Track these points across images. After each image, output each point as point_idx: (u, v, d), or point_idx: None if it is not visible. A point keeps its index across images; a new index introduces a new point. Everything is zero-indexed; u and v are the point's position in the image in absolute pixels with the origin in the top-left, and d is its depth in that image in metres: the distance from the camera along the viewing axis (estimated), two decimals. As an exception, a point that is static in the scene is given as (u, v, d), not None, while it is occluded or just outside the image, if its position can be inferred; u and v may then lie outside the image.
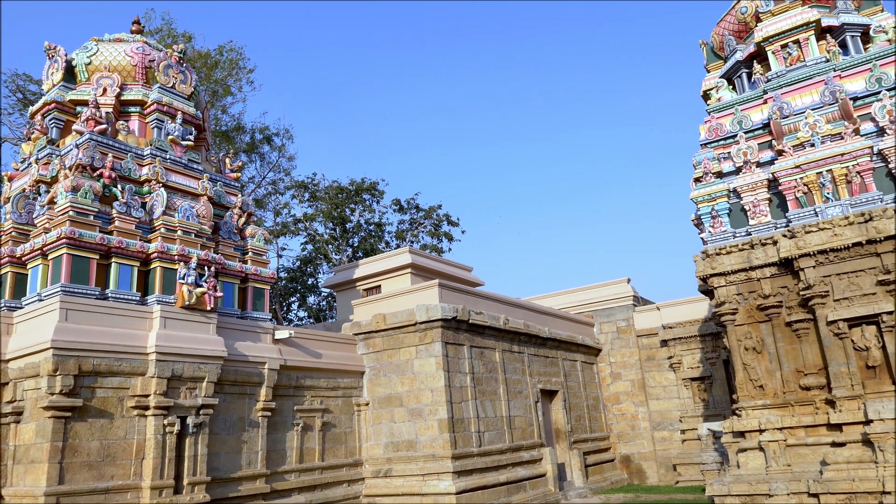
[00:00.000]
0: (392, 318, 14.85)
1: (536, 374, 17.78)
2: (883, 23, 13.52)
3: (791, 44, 13.46)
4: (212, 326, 11.58)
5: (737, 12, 14.71)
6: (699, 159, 13.50)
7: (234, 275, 12.65)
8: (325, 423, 14.02)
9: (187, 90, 13.47)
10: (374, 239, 32.93)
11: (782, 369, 11.89)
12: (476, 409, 14.89)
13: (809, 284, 11.49)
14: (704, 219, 13.18)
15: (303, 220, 31.85)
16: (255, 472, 12.06)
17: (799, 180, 12.21)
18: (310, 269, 32.34)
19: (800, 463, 11.12)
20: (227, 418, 11.86)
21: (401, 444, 14.39)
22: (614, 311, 21.60)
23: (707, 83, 15.31)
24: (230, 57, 27.50)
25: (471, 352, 15.30)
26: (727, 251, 12.47)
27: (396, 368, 14.84)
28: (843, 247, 11.24)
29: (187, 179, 12.60)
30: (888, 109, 11.74)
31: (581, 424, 19.40)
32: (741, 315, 12.41)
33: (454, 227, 34.16)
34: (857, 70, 12.69)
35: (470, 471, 14.00)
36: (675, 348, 19.91)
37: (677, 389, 19.96)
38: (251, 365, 12.30)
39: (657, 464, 19.98)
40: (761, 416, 11.63)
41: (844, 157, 11.84)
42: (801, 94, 12.99)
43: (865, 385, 11.07)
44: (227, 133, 27.49)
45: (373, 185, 33.30)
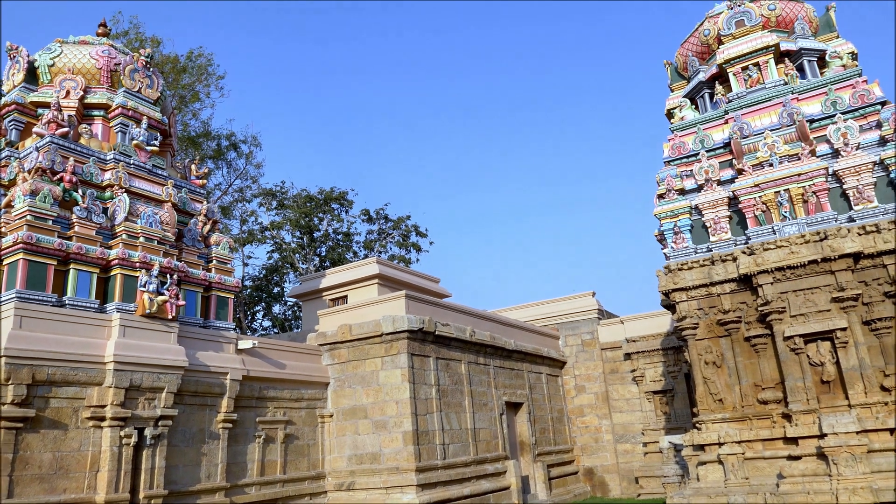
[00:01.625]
0: (358, 329, 14.76)
1: (502, 386, 17.83)
2: (838, 49, 14.06)
3: (751, 66, 13.89)
4: (173, 335, 11.36)
5: (700, 34, 15.13)
6: (662, 176, 13.80)
7: (197, 283, 12.44)
8: (288, 435, 13.82)
9: (154, 95, 13.27)
10: (342, 249, 32.74)
11: (741, 383, 12.15)
12: (441, 421, 14.85)
13: (767, 300, 11.80)
14: (667, 234, 13.45)
15: (270, 229, 31.52)
16: (215, 486, 11.82)
17: (758, 199, 12.56)
18: (276, 278, 31.97)
19: (757, 476, 11.35)
20: (187, 430, 11.61)
21: (365, 457, 14.26)
22: (579, 325, 21.81)
23: (671, 102, 15.68)
24: (199, 63, 27.20)
25: (437, 363, 15.28)
26: (689, 267, 12.73)
27: (362, 380, 14.73)
28: (800, 264, 11.58)
29: (151, 185, 12.39)
30: (842, 132, 12.18)
31: (545, 437, 19.49)
32: (702, 329, 12.66)
33: (422, 238, 34.19)
34: (814, 93, 13.16)
35: (434, 484, 13.94)
36: (639, 361, 20.18)
37: (640, 402, 20.20)
38: (213, 375, 12.08)
39: (620, 476, 20.16)
40: (720, 430, 11.85)
41: (801, 177, 12.23)
42: (760, 115, 13.40)
43: (820, 399, 11.38)
44: (194, 139, 27.11)
45: (342, 195, 33.15)
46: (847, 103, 12.58)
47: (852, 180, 11.94)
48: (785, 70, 13.80)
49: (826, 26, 14.82)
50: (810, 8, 14.98)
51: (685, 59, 15.72)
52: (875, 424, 10.61)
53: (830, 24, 14.80)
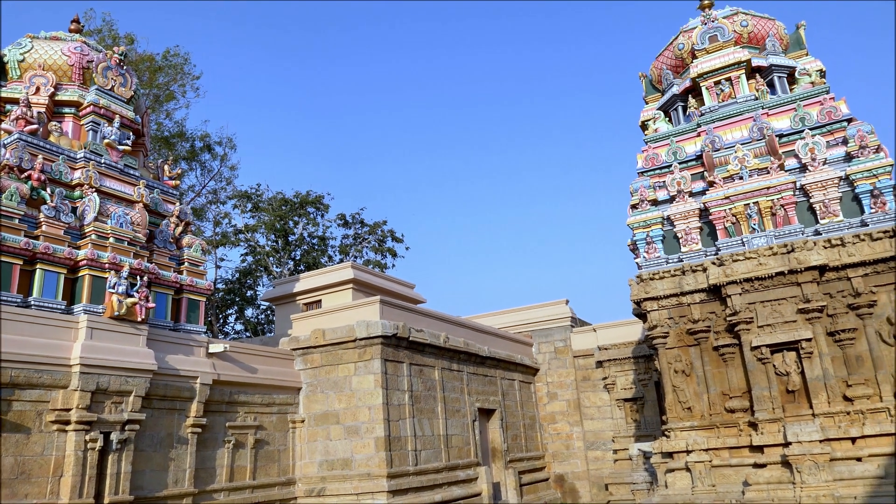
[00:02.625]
0: (331, 334, 14.68)
1: (475, 392, 17.87)
2: (807, 66, 14.41)
3: (724, 81, 14.17)
4: (142, 338, 11.19)
5: (674, 48, 15.40)
6: (636, 187, 13.99)
7: (168, 285, 12.28)
8: (258, 441, 13.68)
9: (127, 93, 13.09)
10: (317, 253, 32.53)
11: (709, 392, 12.34)
12: (414, 427, 14.83)
13: (736, 311, 12.01)
14: (640, 244, 13.62)
15: (244, 231, 31.21)
16: (182, 491, 11.64)
17: (728, 211, 12.80)
18: (249, 282, 31.64)
19: (724, 483, 11.53)
20: (155, 434, 11.43)
21: (336, 463, 14.17)
22: (552, 332, 21.96)
23: (645, 114, 15.91)
24: (175, 62, 26.89)
25: (410, 369, 15.26)
26: (660, 276, 12.91)
27: (334, 385, 14.65)
28: (767, 276, 11.82)
29: (122, 185, 12.21)
30: (810, 147, 12.48)
31: (517, 443, 19.56)
32: (672, 338, 12.84)
33: (398, 243, 34.15)
34: (784, 109, 13.46)
35: (405, 490, 13.90)
36: (610, 369, 20.38)
37: (611, 410, 20.39)
38: (182, 379, 11.92)
39: (590, 483, 20.31)
40: (689, 438, 12.02)
41: (770, 190, 12.50)
42: (731, 128, 13.66)
43: (785, 408, 11.61)
44: (167, 139, 26.77)
45: (318, 199, 32.97)
46: (815, 119, 12.89)
47: (819, 194, 12.23)
48: (756, 85, 14.10)
49: (796, 44, 15.19)
50: (781, 25, 15.34)
51: (660, 72, 15.98)
52: (837, 433, 10.85)
53: (800, 41, 15.17)
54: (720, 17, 14.78)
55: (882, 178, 11.86)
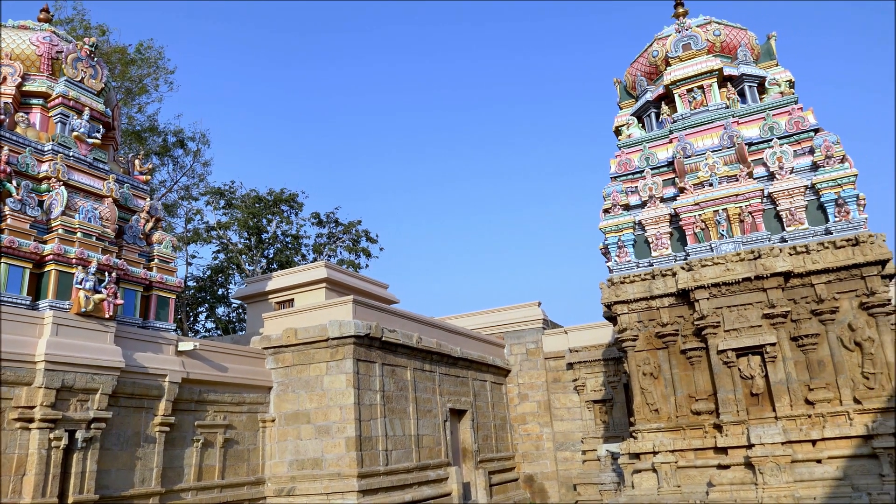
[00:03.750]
0: (304, 333, 14.61)
1: (447, 393, 17.92)
2: (777, 76, 14.75)
3: (696, 89, 14.43)
4: (109, 335, 11.01)
5: (649, 55, 15.63)
6: (609, 191, 14.17)
7: (137, 282, 12.10)
8: (228, 440, 13.55)
9: (97, 85, 12.87)
10: (291, 251, 32.29)
11: (676, 394, 12.56)
12: (385, 427, 14.82)
13: (703, 315, 12.24)
14: (611, 248, 13.81)
15: (216, 228, 30.83)
16: (149, 491, 11.49)
17: (697, 217, 13.04)
18: (221, 279, 31.26)
19: (689, 484, 11.74)
20: (122, 433, 11.26)
21: (306, 462, 14.10)
22: (524, 334, 22.11)
23: (619, 119, 16.13)
24: (149, 55, 26.46)
25: (382, 369, 15.25)
26: (630, 280, 13.10)
27: (306, 384, 14.58)
28: (735, 281, 12.07)
29: (91, 179, 11.99)
30: (778, 156, 12.77)
31: (488, 444, 19.66)
32: (641, 342, 13.04)
33: (373, 243, 34.05)
34: (753, 118, 13.75)
35: (375, 490, 13.89)
36: (580, 371, 20.59)
37: (580, 411, 20.60)
38: (150, 377, 11.76)
39: (559, 483, 20.50)
40: (655, 439, 12.22)
41: (738, 197, 12.76)
42: (703, 136, 13.92)
43: (749, 411, 11.87)
44: (139, 133, 26.33)
45: (292, 197, 32.72)
46: (783, 129, 13.20)
47: (785, 202, 12.53)
48: (727, 94, 14.38)
49: (767, 54, 15.53)
50: (752, 36, 15.68)
51: (634, 79, 16.21)
52: (799, 436, 11.13)
53: (771, 52, 15.51)
54: (694, 26, 15.05)
55: (846, 187, 12.19)
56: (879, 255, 11.36)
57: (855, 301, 11.63)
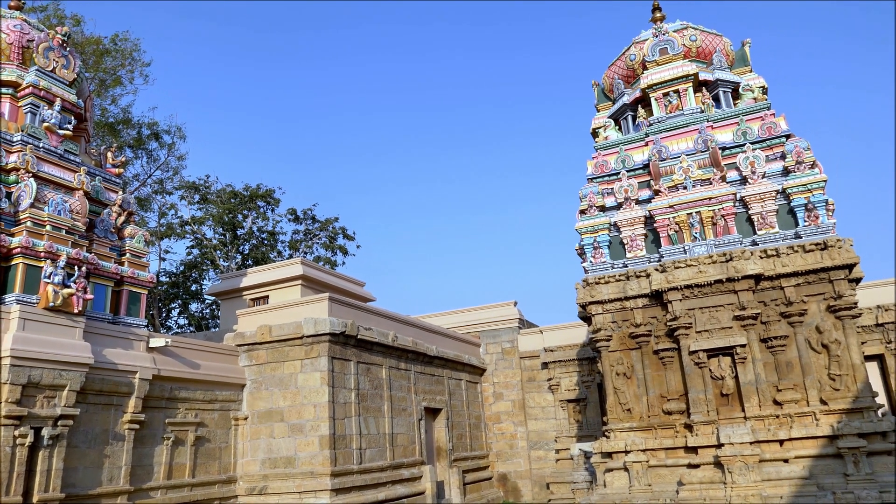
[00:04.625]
0: (278, 331, 14.49)
1: (422, 391, 17.91)
2: (751, 82, 14.98)
3: (672, 93, 14.59)
4: (78, 331, 10.81)
5: (626, 58, 15.78)
6: (585, 192, 14.28)
7: (108, 276, 11.90)
8: (199, 438, 13.39)
9: (69, 76, 12.62)
10: (267, 248, 31.99)
11: (648, 394, 12.71)
12: (359, 425, 14.77)
13: (676, 316, 12.40)
14: (587, 249, 13.91)
15: (190, 223, 30.43)
16: (117, 489, 11.31)
17: (672, 219, 13.20)
18: (195, 275, 30.86)
19: (659, 483, 11.89)
20: (90, 430, 11.06)
21: (279, 461, 13.99)
22: (500, 333, 22.19)
23: (596, 122, 16.25)
24: (124, 47, 26.00)
25: (357, 368, 15.19)
26: (605, 281, 13.22)
27: (279, 382, 14.46)
28: (707, 283, 12.24)
29: (62, 171, 11.76)
30: (750, 161, 12.98)
31: (462, 443, 19.70)
32: (615, 342, 13.17)
33: (350, 240, 33.88)
34: (727, 122, 13.95)
35: (349, 488, 13.84)
36: (555, 371, 20.73)
37: (555, 410, 20.74)
38: (120, 374, 11.57)
39: (532, 482, 20.62)
40: (627, 438, 12.35)
41: (711, 200, 12.94)
42: (678, 139, 14.09)
43: (720, 411, 12.05)
44: (112, 125, 25.86)
45: (269, 193, 32.41)
46: (756, 134, 13.41)
47: (757, 206, 12.73)
48: (702, 98, 14.57)
49: (741, 60, 15.77)
50: (728, 42, 15.90)
51: (612, 81, 16.35)
52: (767, 436, 11.33)
53: (745, 58, 15.76)
54: (671, 31, 15.23)
55: (816, 192, 12.42)
56: (847, 260, 11.61)
57: (823, 304, 11.87)
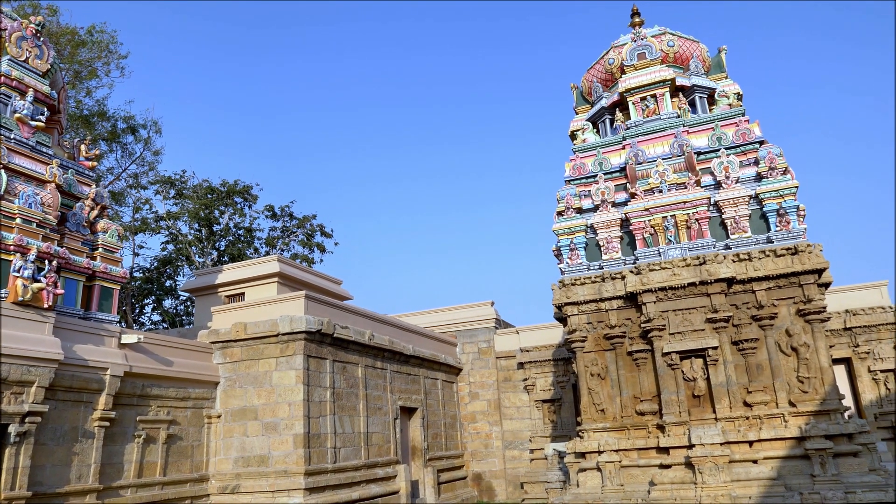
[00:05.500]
0: (253, 328, 14.38)
1: (398, 390, 17.90)
2: (726, 88, 15.22)
3: (649, 97, 14.77)
4: (48, 326, 10.62)
5: (605, 62, 15.93)
6: (563, 194, 14.38)
7: (79, 271, 11.70)
8: (171, 436, 13.23)
9: (43, 66, 12.38)
10: (243, 244, 31.68)
11: (622, 395, 12.84)
12: (334, 424, 14.71)
13: (650, 318, 12.55)
14: (563, 250, 14.02)
15: (165, 219, 30.03)
16: (86, 487, 11.12)
17: (647, 222, 13.35)
18: (169, 271, 30.46)
19: (631, 483, 12.03)
20: (58, 427, 10.87)
21: (252, 459, 13.88)
22: (477, 333, 22.26)
23: (575, 124, 16.38)
24: (101, 39, 25.57)
25: (333, 366, 15.13)
26: (581, 282, 13.33)
27: (254, 380, 14.35)
28: (680, 286, 12.41)
29: (33, 163, 11.53)
30: (725, 166, 13.19)
31: (437, 442, 19.72)
32: (590, 343, 13.28)
33: (328, 238, 33.70)
34: (703, 128, 14.16)
35: (323, 487, 13.78)
36: (531, 371, 20.85)
37: (530, 410, 20.86)
38: (91, 370, 11.39)
39: (506, 482, 20.71)
40: (601, 438, 12.47)
41: (686, 204, 13.12)
42: (654, 143, 14.26)
43: (691, 412, 12.22)
44: (87, 118, 25.43)
45: (246, 189, 32.09)
46: (730, 140, 13.63)
47: (730, 211, 12.94)
48: (678, 104, 14.77)
49: (717, 66, 16.02)
50: (704, 48, 16.13)
51: (590, 85, 16.48)
52: (737, 437, 11.52)
53: (721, 65, 16.00)
54: (649, 36, 15.40)
55: (787, 198, 12.67)
56: (816, 264, 11.85)
57: (793, 308, 12.10)
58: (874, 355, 17.36)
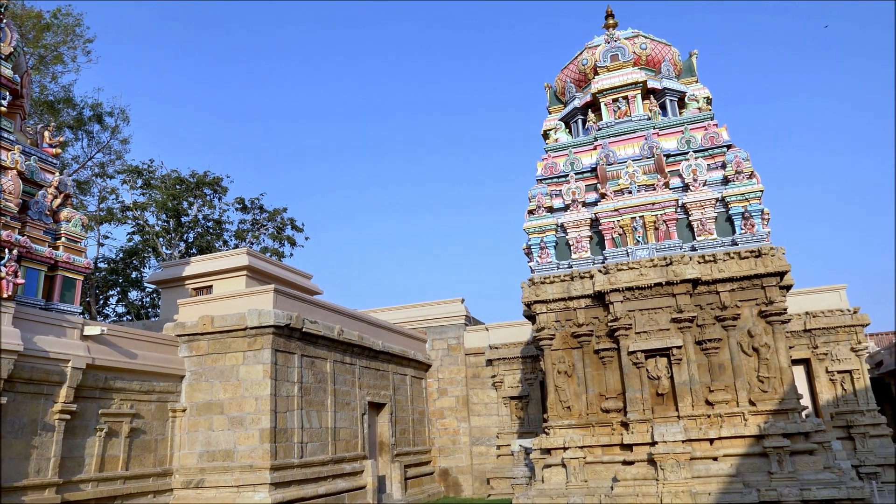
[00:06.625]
0: (221, 321, 14.22)
1: (366, 386, 17.87)
2: (696, 92, 15.46)
3: (621, 99, 14.94)
4: (7, 316, 10.37)
5: (579, 62, 16.06)
6: (534, 193, 14.49)
7: (41, 261, 11.46)
8: (134, 430, 13.03)
9: (5, 49, 12.06)
10: (212, 236, 31.26)
11: (588, 393, 13.01)
12: (302, 419, 14.64)
13: (617, 317, 12.73)
14: (534, 249, 14.13)
15: (132, 209, 29.47)
16: (45, 481, 10.91)
17: (616, 222, 13.53)
18: (135, 262, 29.92)
19: (595, 479, 12.20)
20: (17, 420, 10.63)
21: (217, 454, 13.75)
22: (447, 329, 22.32)
23: (547, 124, 16.49)
24: (66, 22, 24.95)
25: (301, 361, 15.05)
26: (550, 281, 13.45)
27: (220, 374, 14.20)
28: (647, 286, 12.60)
29: (-5, 150, 11.25)
30: (693, 169, 13.41)
31: (405, 438, 19.75)
32: (558, 341, 13.42)
33: (298, 232, 33.42)
34: (673, 130, 14.37)
35: (289, 482, 13.72)
36: (499, 368, 20.98)
37: (497, 407, 21.01)
38: (52, 362, 11.15)
39: (473, 477, 20.84)
40: (566, 435, 12.62)
41: (655, 206, 13.32)
42: (625, 145, 14.43)
43: (655, 410, 12.44)
44: (52, 104, 24.82)
45: (216, 180, 31.64)
46: (699, 143, 13.86)
47: (697, 213, 13.18)
48: (650, 106, 14.96)
49: (688, 70, 16.26)
50: (676, 52, 16.37)
51: (564, 85, 16.61)
52: (698, 434, 11.76)
53: (692, 68, 16.26)
54: (622, 38, 15.56)
55: (753, 202, 12.94)
56: (779, 267, 12.14)
57: (755, 309, 12.38)
58: (832, 356, 17.85)
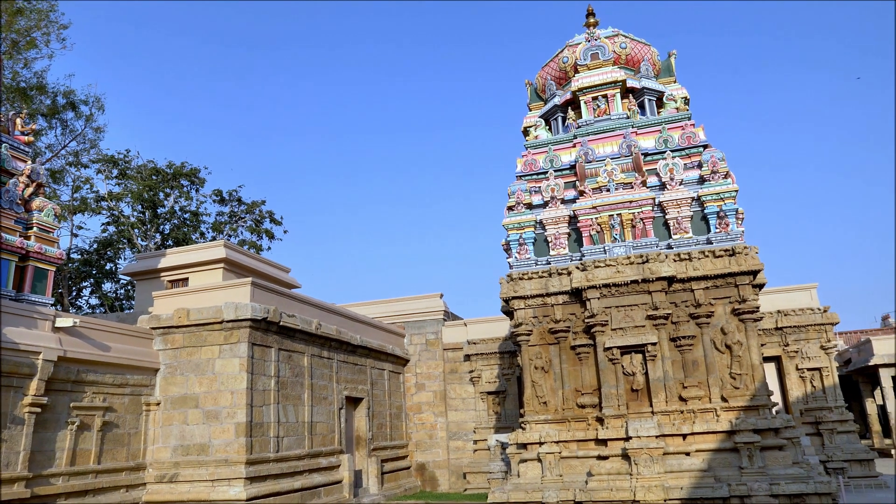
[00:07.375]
0: (196, 314, 14.08)
1: (344, 380, 17.83)
2: (675, 92, 15.63)
3: (601, 97, 15.05)
4: (-24, 307, 10.18)
5: (560, 60, 16.15)
6: (514, 189, 14.55)
7: (12, 251, 11.24)
8: (107, 423, 12.86)
9: (-23, 36, 11.80)
10: (189, 228, 30.89)
11: (564, 388, 13.13)
12: (278, 413, 14.57)
13: (593, 313, 12.85)
14: (513, 245, 14.20)
15: (107, 199, 29.00)
16: (14, 475, 10.73)
17: (594, 220, 13.64)
18: (109, 254, 29.46)
19: (570, 473, 12.33)
20: (-15, 413, 10.45)
21: (192, 448, 13.63)
22: (425, 324, 22.34)
23: (528, 120, 16.56)
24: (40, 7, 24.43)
25: (278, 355, 14.96)
26: (529, 277, 13.54)
27: (196, 367, 14.06)
28: (624, 283, 12.74)
29: (-36, 137, 11.01)
30: (670, 168, 13.57)
31: (382, 432, 19.74)
32: (535, 336, 13.52)
33: (277, 225, 33.18)
34: (650, 130, 14.52)
35: (264, 477, 13.65)
36: (477, 363, 21.06)
37: (475, 402, 21.09)
38: (22, 354, 10.96)
39: (449, 472, 20.92)
40: (542, 430, 12.73)
41: (632, 204, 13.46)
42: (604, 143, 14.55)
43: (629, 406, 12.59)
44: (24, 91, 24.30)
45: (193, 172, 31.26)
46: (676, 142, 14.03)
47: (674, 212, 13.34)
48: (629, 105, 15.10)
49: (667, 70, 16.44)
50: (655, 52, 16.53)
51: (544, 82, 16.69)
52: (671, 430, 11.94)
53: (670, 69, 16.43)
54: (603, 37, 15.68)
55: (728, 201, 13.13)
56: (752, 266, 12.35)
57: (728, 307, 12.58)
58: (802, 354, 18.21)
